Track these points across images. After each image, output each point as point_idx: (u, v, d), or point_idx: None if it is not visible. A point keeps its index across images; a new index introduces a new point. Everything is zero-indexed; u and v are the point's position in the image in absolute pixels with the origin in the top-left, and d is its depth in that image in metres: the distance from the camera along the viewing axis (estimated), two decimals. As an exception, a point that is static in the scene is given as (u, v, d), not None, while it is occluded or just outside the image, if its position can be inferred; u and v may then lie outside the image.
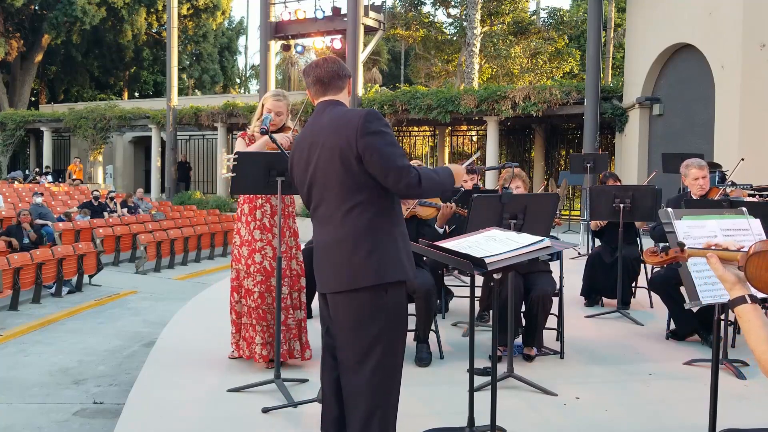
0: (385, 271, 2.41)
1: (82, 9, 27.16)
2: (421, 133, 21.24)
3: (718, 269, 1.83)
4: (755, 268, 1.72)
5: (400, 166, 2.37)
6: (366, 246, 2.40)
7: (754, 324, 1.75)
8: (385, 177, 2.38)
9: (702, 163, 5.10)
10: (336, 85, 2.60)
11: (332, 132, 2.45)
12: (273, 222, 4.00)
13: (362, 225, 2.41)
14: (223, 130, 19.92)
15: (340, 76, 2.61)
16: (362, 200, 2.42)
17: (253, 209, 4.01)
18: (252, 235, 3.99)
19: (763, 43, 9.30)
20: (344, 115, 2.47)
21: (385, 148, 2.38)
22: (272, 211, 4.00)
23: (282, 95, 4.15)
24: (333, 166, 2.43)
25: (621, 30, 21.93)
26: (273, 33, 18.32)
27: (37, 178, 21.94)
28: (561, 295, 4.52)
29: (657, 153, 11.66)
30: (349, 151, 2.38)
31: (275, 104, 4.05)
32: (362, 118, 2.40)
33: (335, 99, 2.59)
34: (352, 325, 2.43)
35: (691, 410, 3.48)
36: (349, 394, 2.46)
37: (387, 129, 2.43)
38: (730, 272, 1.83)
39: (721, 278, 1.84)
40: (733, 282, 1.82)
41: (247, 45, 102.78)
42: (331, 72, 2.60)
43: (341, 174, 2.41)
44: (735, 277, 1.82)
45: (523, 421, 3.33)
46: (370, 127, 2.38)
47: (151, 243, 13.22)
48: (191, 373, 4.08)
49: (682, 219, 2.28)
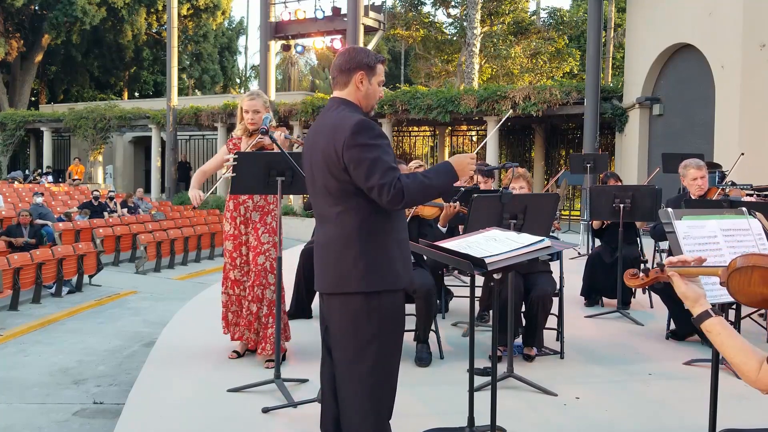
0: (372, 280, 2.38)
1: (82, 9, 27.16)
2: (421, 133, 21.24)
3: (680, 287, 1.84)
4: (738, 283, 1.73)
5: (381, 183, 2.28)
6: (353, 252, 2.38)
7: (724, 335, 1.76)
8: (368, 191, 2.33)
9: (700, 164, 5.10)
10: (340, 81, 2.50)
11: (326, 137, 2.40)
12: (249, 217, 4.14)
13: (352, 229, 2.39)
14: (223, 130, 19.91)
15: (343, 71, 2.48)
16: (353, 205, 2.38)
17: (237, 205, 4.14)
18: (238, 230, 4.14)
19: (763, 43, 9.30)
20: (338, 122, 2.39)
21: (368, 163, 2.29)
22: (253, 206, 4.13)
23: (256, 94, 4.25)
24: (324, 172, 2.41)
25: (621, 30, 21.92)
26: (273, 33, 18.33)
27: (37, 178, 21.95)
28: (561, 295, 4.52)
29: (657, 153, 11.65)
30: (336, 160, 2.35)
31: (249, 103, 4.15)
32: (350, 129, 2.32)
33: (340, 96, 2.50)
34: (346, 326, 2.43)
35: (691, 410, 3.48)
36: (345, 393, 2.45)
37: (375, 140, 2.33)
38: (692, 289, 1.84)
39: (683, 295, 1.84)
40: (694, 299, 1.83)
41: (247, 45, 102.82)
42: (336, 66, 2.51)
43: (331, 180, 2.39)
44: (696, 294, 1.83)
45: (523, 421, 3.33)
46: (357, 140, 2.31)
47: (151, 243, 13.22)
48: (191, 373, 4.08)
49: (682, 219, 2.28)
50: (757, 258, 1.72)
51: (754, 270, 1.70)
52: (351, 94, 2.49)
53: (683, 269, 1.86)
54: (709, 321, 1.79)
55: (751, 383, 1.71)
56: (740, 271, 1.72)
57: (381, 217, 2.41)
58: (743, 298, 1.75)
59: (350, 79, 2.47)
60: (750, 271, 1.71)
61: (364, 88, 2.49)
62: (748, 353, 1.72)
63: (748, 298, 1.74)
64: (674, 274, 1.86)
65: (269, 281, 4.11)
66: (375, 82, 2.51)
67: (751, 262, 1.71)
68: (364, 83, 2.48)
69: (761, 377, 1.68)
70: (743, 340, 1.76)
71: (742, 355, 1.72)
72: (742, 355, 1.72)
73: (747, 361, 1.71)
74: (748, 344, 1.74)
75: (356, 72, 2.46)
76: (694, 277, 1.86)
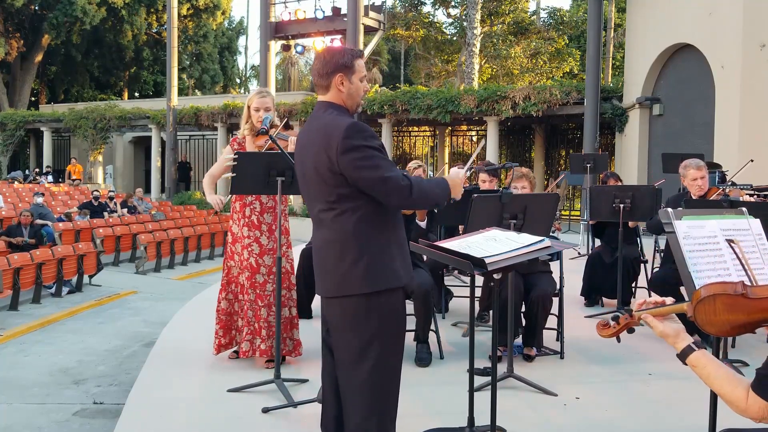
0: (373, 280, 2.37)
1: (82, 9, 27.18)
2: (421, 133, 21.24)
3: (657, 326, 1.84)
4: (704, 314, 1.72)
5: (387, 176, 2.30)
6: (352, 253, 2.37)
7: (711, 368, 1.75)
8: (372, 191, 2.33)
9: (700, 164, 5.09)
10: (321, 85, 2.47)
11: (317, 143, 2.38)
12: (261, 219, 4.06)
13: (349, 232, 2.37)
14: (223, 130, 19.92)
15: (322, 75, 2.45)
16: (347, 208, 2.37)
17: (243, 206, 4.07)
18: (242, 232, 4.06)
19: (763, 43, 9.30)
20: (328, 127, 2.37)
21: (367, 163, 2.29)
22: (261, 208, 4.07)
23: (266, 92, 4.18)
24: (317, 177, 2.40)
25: (621, 30, 21.92)
26: (273, 33, 18.33)
27: (37, 178, 21.95)
28: (561, 295, 4.52)
29: (657, 153, 11.65)
30: (330, 166, 2.33)
31: (261, 101, 4.06)
32: (341, 134, 2.30)
33: (325, 100, 2.48)
34: (346, 327, 2.42)
35: (691, 410, 3.47)
36: (347, 394, 2.45)
37: (368, 141, 2.32)
38: (670, 326, 1.83)
39: (662, 334, 1.83)
40: (675, 335, 1.83)
41: (247, 45, 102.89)
42: (315, 71, 2.49)
43: (324, 184, 2.38)
44: (675, 330, 1.83)
45: (523, 421, 3.33)
46: (350, 143, 2.29)
47: (151, 243, 13.22)
48: (191, 373, 4.08)
49: (682, 219, 2.28)
50: (716, 286, 1.71)
51: (717, 298, 1.69)
52: (334, 96, 2.47)
53: (653, 310, 1.85)
54: (693, 355, 1.78)
55: (741, 413, 1.70)
56: (703, 302, 1.71)
57: (377, 217, 2.41)
58: (712, 329, 1.74)
59: (330, 83, 2.45)
60: (713, 300, 1.70)
61: (346, 89, 2.46)
62: (734, 382, 1.71)
63: (716, 328, 1.73)
64: (647, 315, 1.85)
65: (292, 282, 4.12)
66: (356, 80, 2.48)
67: (711, 291, 1.70)
68: (345, 84, 2.45)
69: (750, 405, 1.67)
70: (728, 369, 1.76)
71: (729, 385, 1.71)
72: (729, 386, 1.71)
73: (734, 390, 1.70)
74: (733, 373, 1.74)
75: (335, 75, 2.44)
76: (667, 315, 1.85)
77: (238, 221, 4.08)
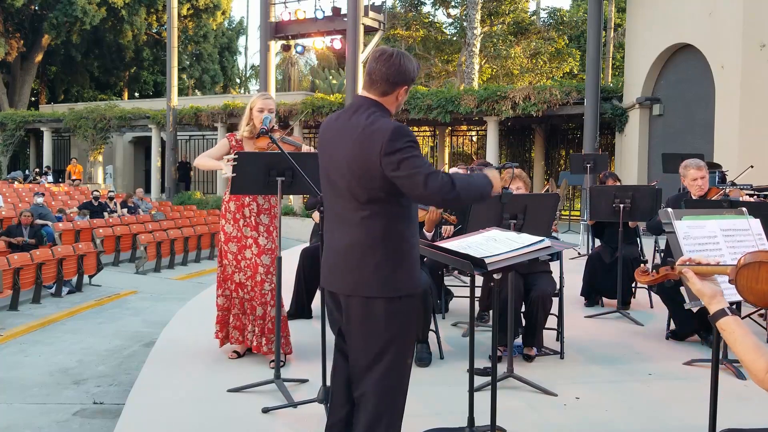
0: (395, 284, 2.39)
1: (82, 9, 27.18)
2: (421, 134, 21.24)
3: (696, 283, 1.84)
4: (746, 280, 1.71)
5: (429, 173, 2.30)
6: (377, 256, 2.37)
7: (738, 334, 1.75)
8: (414, 187, 2.31)
9: (700, 164, 5.09)
10: (380, 88, 2.43)
11: (356, 142, 2.36)
12: (258, 220, 4.10)
13: (376, 234, 2.38)
14: (223, 130, 19.92)
15: (388, 80, 2.42)
16: (378, 210, 2.38)
17: (240, 207, 4.09)
18: (242, 232, 4.08)
19: (763, 43, 9.30)
20: (371, 127, 2.35)
21: (411, 162, 2.30)
22: (258, 209, 4.10)
23: (269, 95, 4.25)
24: (351, 175, 2.37)
25: (621, 30, 21.93)
26: (273, 33, 18.32)
27: (37, 178, 21.95)
28: (561, 295, 4.52)
29: (657, 153, 11.66)
30: (370, 166, 2.32)
31: (266, 102, 4.10)
32: (387, 136, 2.30)
33: (374, 99, 2.45)
34: (365, 329, 2.42)
35: (691, 410, 3.48)
36: (359, 396, 2.46)
37: (412, 143, 2.35)
38: (708, 286, 1.83)
39: (699, 292, 1.83)
40: (711, 296, 1.82)
41: (247, 45, 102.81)
42: (380, 73, 2.42)
43: (357, 184, 2.37)
44: (713, 290, 1.82)
45: (523, 421, 3.33)
46: (396, 146, 2.30)
47: (151, 243, 13.22)
48: (191, 373, 4.08)
49: (682, 219, 2.28)
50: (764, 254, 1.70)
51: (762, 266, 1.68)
52: (387, 101, 2.46)
53: (695, 267, 1.85)
54: (724, 319, 1.77)
55: (758, 382, 1.70)
56: (748, 267, 1.70)
57: (403, 222, 2.43)
58: (751, 297, 1.73)
59: (393, 90, 2.45)
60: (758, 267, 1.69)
61: (401, 100, 2.50)
62: (759, 353, 1.70)
63: (756, 297, 1.72)
64: (687, 270, 1.84)
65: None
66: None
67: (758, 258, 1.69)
68: (402, 96, 2.48)
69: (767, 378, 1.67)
70: (757, 340, 1.75)
71: (753, 353, 1.70)
72: (753, 354, 1.70)
73: (757, 359, 1.69)
74: (762, 345, 1.73)
75: (402, 86, 2.45)
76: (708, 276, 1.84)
77: (236, 222, 4.10)
